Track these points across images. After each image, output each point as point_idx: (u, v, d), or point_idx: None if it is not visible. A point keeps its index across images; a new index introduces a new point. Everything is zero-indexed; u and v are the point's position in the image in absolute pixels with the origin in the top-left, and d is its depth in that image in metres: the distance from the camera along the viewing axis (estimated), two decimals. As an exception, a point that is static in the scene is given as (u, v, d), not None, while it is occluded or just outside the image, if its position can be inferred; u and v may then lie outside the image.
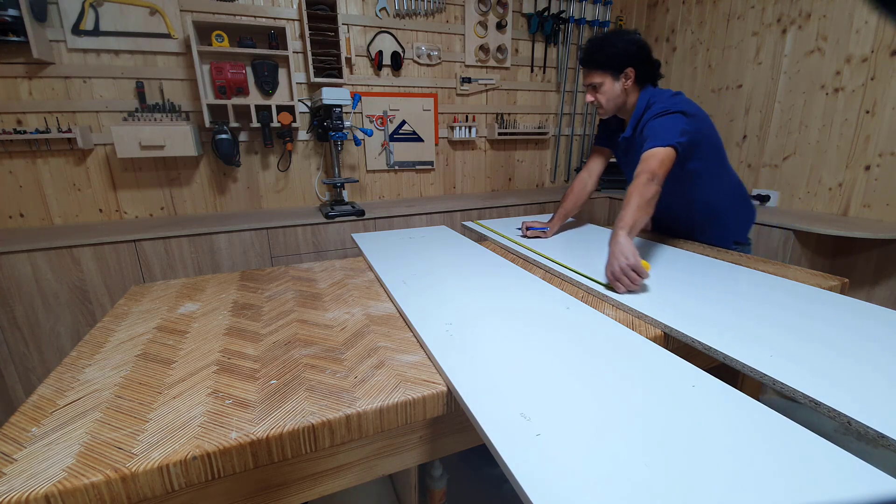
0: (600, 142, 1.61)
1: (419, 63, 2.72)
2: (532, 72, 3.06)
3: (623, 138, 1.43)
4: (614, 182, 3.04)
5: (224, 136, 2.17)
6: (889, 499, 0.45)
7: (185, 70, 2.21)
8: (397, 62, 2.61)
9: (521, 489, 0.47)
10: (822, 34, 2.12)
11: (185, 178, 2.35)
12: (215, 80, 2.18)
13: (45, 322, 1.83)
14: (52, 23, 1.99)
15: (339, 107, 2.20)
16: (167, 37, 2.15)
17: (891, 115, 1.91)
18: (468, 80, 2.85)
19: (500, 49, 2.88)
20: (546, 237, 1.58)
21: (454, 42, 2.79)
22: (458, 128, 2.83)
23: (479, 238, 1.68)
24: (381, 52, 2.58)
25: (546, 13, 2.92)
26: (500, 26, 2.84)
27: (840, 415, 0.58)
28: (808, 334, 0.80)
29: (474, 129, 2.87)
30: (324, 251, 2.26)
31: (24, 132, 1.96)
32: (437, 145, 2.89)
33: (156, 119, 2.16)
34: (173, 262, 1.98)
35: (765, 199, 2.40)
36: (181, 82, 2.23)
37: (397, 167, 2.82)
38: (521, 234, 1.61)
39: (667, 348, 0.78)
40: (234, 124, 2.25)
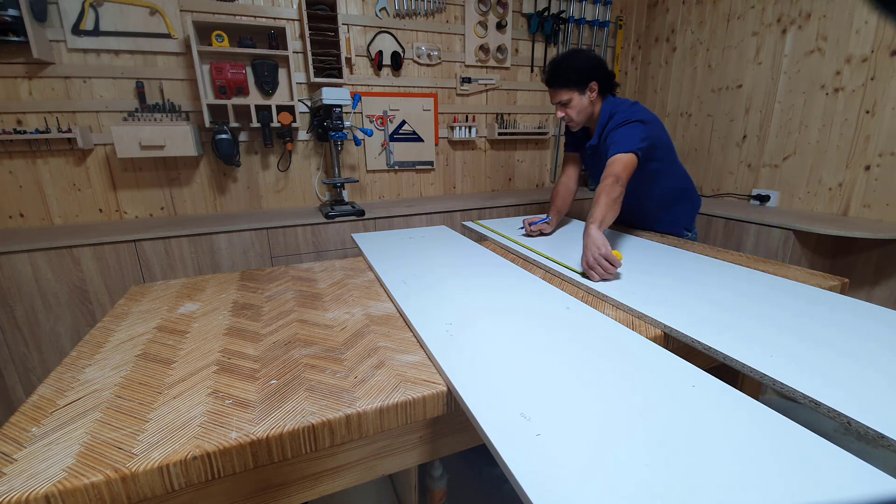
0: (570, 148, 1.77)
1: (419, 63, 2.72)
2: (532, 72, 3.06)
3: (590, 146, 1.57)
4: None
5: (224, 136, 2.17)
6: (889, 499, 0.45)
7: (185, 70, 2.21)
8: (397, 62, 2.61)
9: (521, 489, 0.47)
10: (822, 34, 2.12)
11: (185, 178, 2.35)
12: (215, 80, 2.18)
13: (45, 322, 1.83)
14: (52, 23, 1.99)
15: (339, 107, 2.20)
16: (167, 37, 2.15)
17: (891, 115, 1.91)
18: (468, 80, 2.85)
19: (500, 49, 2.88)
20: (548, 232, 1.63)
21: (454, 42, 2.79)
22: (458, 128, 2.83)
23: (479, 238, 1.68)
24: (381, 52, 2.58)
25: (546, 13, 2.92)
26: (500, 26, 2.84)
27: (840, 415, 0.58)
28: (808, 334, 0.80)
29: (474, 129, 2.87)
30: (324, 251, 2.26)
31: (24, 132, 1.96)
32: (437, 145, 2.89)
33: (156, 119, 2.16)
34: (173, 262, 1.98)
35: (765, 199, 2.40)
36: (181, 82, 2.23)
37: (397, 167, 2.82)
38: (523, 232, 1.63)
39: (667, 348, 0.78)
40: (234, 124, 2.25)
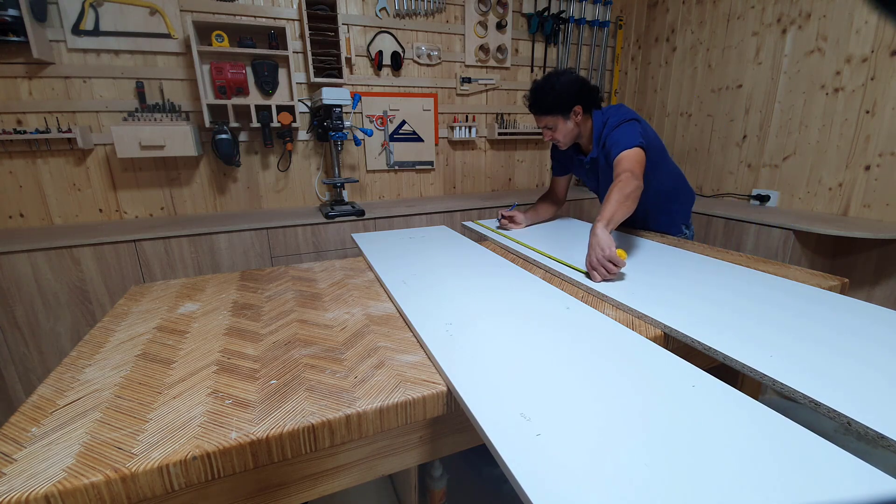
0: (558, 172, 1.73)
1: (419, 63, 2.72)
2: (532, 72, 3.06)
3: (590, 159, 1.53)
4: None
5: (224, 136, 2.17)
6: (889, 499, 0.45)
7: (185, 70, 2.21)
8: (397, 62, 2.61)
9: (521, 489, 0.47)
10: (822, 34, 2.12)
11: (185, 178, 2.35)
12: (215, 80, 2.18)
13: (45, 322, 1.83)
14: (52, 23, 1.99)
15: (339, 107, 2.20)
16: (167, 37, 2.15)
17: (891, 115, 1.91)
18: (468, 80, 2.85)
19: (500, 49, 2.88)
20: (522, 224, 1.68)
21: (454, 42, 2.79)
22: (458, 128, 2.83)
23: (479, 238, 1.68)
24: (381, 52, 2.58)
25: (546, 13, 2.92)
26: (500, 26, 2.84)
27: (840, 415, 0.58)
28: (808, 334, 0.80)
29: (474, 129, 2.87)
30: (324, 251, 2.26)
31: (24, 132, 1.97)
32: (437, 145, 2.89)
33: (156, 119, 2.16)
34: (173, 262, 1.98)
35: (765, 199, 2.40)
36: (181, 82, 2.23)
37: (397, 167, 2.82)
38: (497, 225, 1.71)
39: (667, 348, 0.78)
40: (234, 124, 2.25)
